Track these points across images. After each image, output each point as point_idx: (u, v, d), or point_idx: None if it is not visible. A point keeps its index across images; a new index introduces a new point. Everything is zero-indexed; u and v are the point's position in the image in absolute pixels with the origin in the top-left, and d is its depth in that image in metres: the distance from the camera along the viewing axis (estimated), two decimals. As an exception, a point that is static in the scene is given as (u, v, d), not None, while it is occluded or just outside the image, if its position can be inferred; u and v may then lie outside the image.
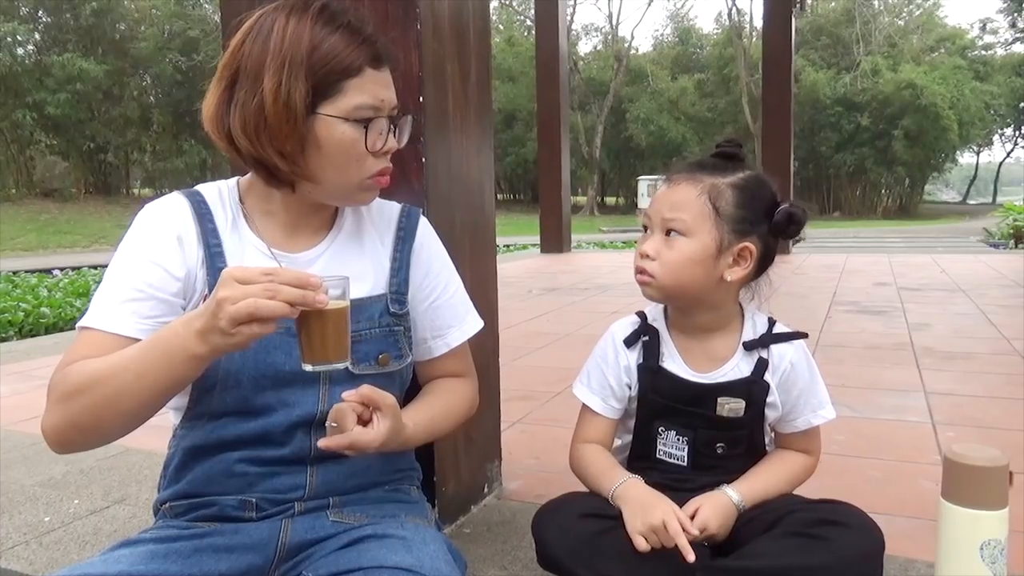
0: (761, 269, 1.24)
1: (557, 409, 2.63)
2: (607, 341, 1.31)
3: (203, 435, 1.09)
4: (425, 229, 1.25)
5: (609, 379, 1.28)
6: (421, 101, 1.46)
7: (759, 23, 24.93)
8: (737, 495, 1.19)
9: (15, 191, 23.73)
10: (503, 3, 39.16)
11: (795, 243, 1.30)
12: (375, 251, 1.19)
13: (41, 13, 26.20)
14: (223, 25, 1.54)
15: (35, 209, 21.96)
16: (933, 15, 38.49)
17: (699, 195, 1.18)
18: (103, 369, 0.94)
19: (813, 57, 34.91)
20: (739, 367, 1.24)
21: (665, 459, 1.26)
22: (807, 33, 34.21)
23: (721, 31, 40.33)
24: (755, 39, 33.13)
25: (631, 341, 1.28)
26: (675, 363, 1.26)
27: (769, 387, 1.23)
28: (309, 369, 0.93)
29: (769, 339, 1.25)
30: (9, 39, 23.48)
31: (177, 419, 1.13)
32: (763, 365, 1.24)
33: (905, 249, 12.99)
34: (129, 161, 27.96)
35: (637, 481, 1.20)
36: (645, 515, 1.11)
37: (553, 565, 1.16)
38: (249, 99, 1.03)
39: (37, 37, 25.99)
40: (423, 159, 1.47)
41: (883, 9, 37.65)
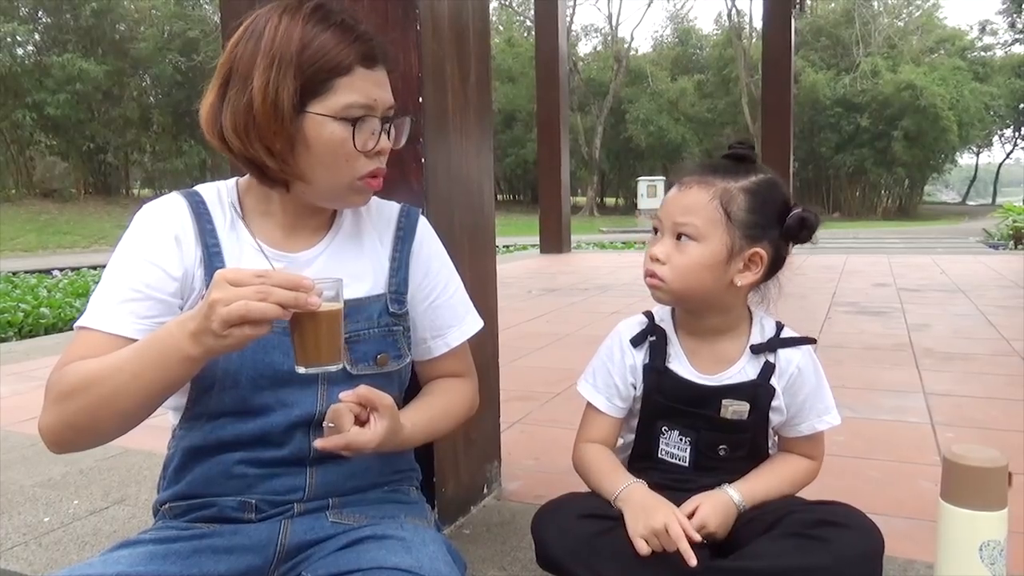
0: (771, 273, 1.23)
1: (557, 410, 2.63)
2: (614, 340, 1.31)
3: (202, 436, 1.09)
4: (424, 229, 1.25)
5: (615, 378, 1.28)
6: (420, 102, 1.46)
7: (759, 24, 25.03)
8: (738, 495, 1.19)
9: (15, 191, 23.72)
10: (503, 4, 39.18)
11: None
12: (374, 251, 1.19)
13: (41, 13, 26.18)
14: (223, 26, 1.54)
15: (35, 209, 21.95)
16: (932, 16, 38.51)
17: (711, 199, 1.17)
18: (99, 370, 0.94)
19: (813, 58, 34.91)
20: (745, 370, 1.24)
21: (667, 459, 1.26)
22: (807, 34, 34.21)
23: (721, 32, 40.36)
24: (755, 40, 33.15)
25: (638, 341, 1.28)
26: (681, 364, 1.26)
27: (774, 391, 1.23)
28: (302, 371, 0.93)
29: (777, 343, 1.25)
30: (9, 39, 23.47)
31: (176, 419, 1.13)
32: (769, 369, 1.23)
33: (905, 250, 12.99)
34: (129, 162, 27.94)
35: (640, 485, 1.20)
36: (647, 518, 1.11)
37: (552, 566, 1.16)
38: (239, 98, 1.03)
39: (37, 37, 25.98)
40: (422, 160, 1.47)
41: (883, 10, 37.66)
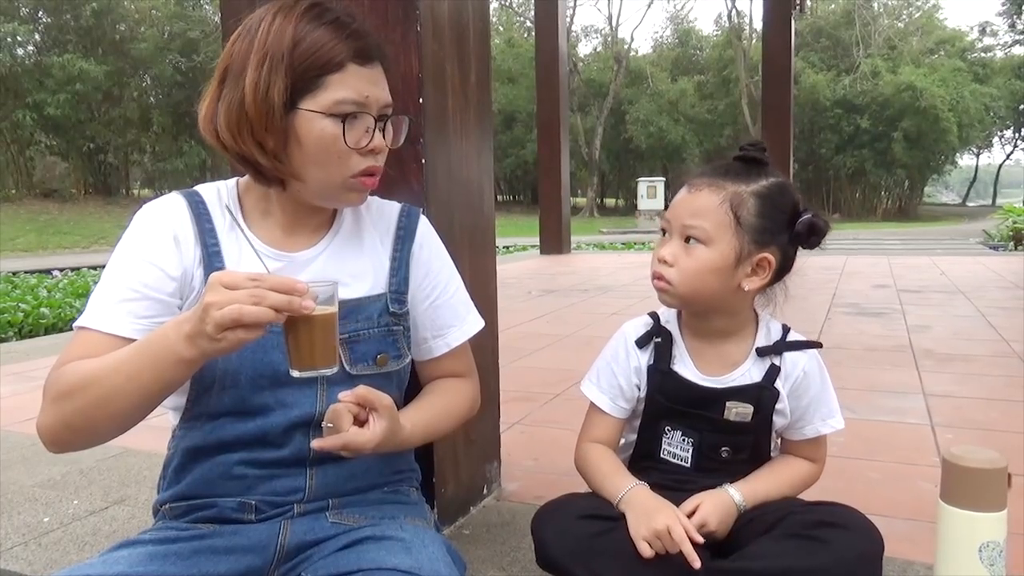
0: (778, 277, 1.23)
1: (556, 410, 2.63)
2: (619, 341, 1.31)
3: (202, 436, 1.09)
4: (425, 229, 1.25)
5: (619, 379, 1.28)
6: (421, 102, 1.46)
7: (759, 25, 25.02)
8: (739, 495, 1.19)
9: (15, 192, 23.70)
10: (503, 4, 39.19)
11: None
12: (374, 251, 1.19)
13: (41, 14, 26.17)
14: (223, 26, 1.54)
15: (35, 210, 21.94)
16: (932, 17, 38.51)
17: (721, 203, 1.16)
18: (96, 370, 0.94)
19: (813, 59, 34.92)
20: (750, 372, 1.24)
21: (669, 459, 1.26)
22: (807, 35, 34.22)
23: (721, 33, 40.36)
24: (755, 41, 33.18)
25: (643, 342, 1.28)
26: (686, 366, 1.25)
27: (779, 394, 1.23)
28: (296, 375, 0.93)
29: (783, 346, 1.25)
30: (9, 40, 23.45)
31: (176, 419, 1.13)
32: (775, 372, 1.23)
33: (904, 251, 12.99)
34: (129, 162, 27.92)
35: (643, 487, 1.20)
36: (649, 520, 1.11)
37: (552, 566, 1.16)
38: (233, 95, 1.03)
39: (37, 38, 25.95)
40: (423, 160, 1.47)
41: (883, 11, 37.67)
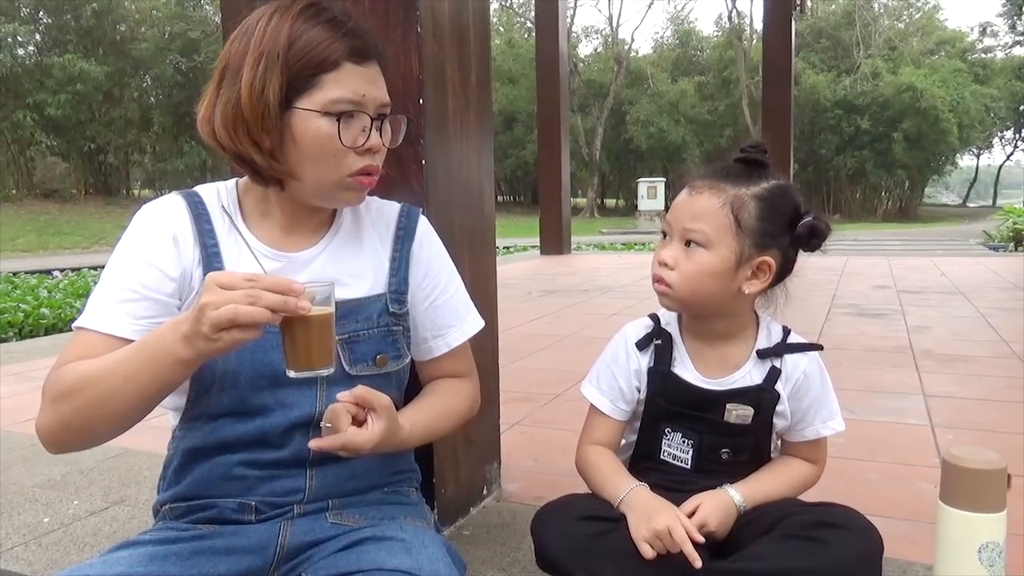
0: (779, 280, 1.22)
1: (556, 411, 2.63)
2: (619, 343, 1.31)
3: (202, 436, 1.09)
4: (425, 229, 1.25)
5: (619, 381, 1.28)
6: (421, 103, 1.46)
7: (759, 26, 25.00)
8: (739, 495, 1.19)
9: (15, 192, 23.70)
10: (503, 5, 39.19)
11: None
12: (374, 251, 1.19)
13: (42, 14, 26.17)
14: (223, 26, 1.54)
15: (35, 210, 21.94)
16: (933, 18, 38.50)
17: (721, 206, 1.16)
18: (94, 371, 0.94)
19: (813, 59, 34.91)
20: (751, 374, 1.24)
21: (669, 460, 1.26)
22: (807, 35, 34.22)
23: (721, 33, 40.35)
24: (755, 41, 33.17)
25: (643, 344, 1.28)
26: (686, 368, 1.25)
27: (779, 396, 1.23)
28: (292, 375, 0.93)
29: (783, 348, 1.25)
30: (10, 40, 23.45)
31: (176, 420, 1.13)
32: (775, 374, 1.23)
33: (905, 252, 12.99)
34: (129, 162, 27.92)
35: (643, 488, 1.20)
36: (649, 521, 1.11)
37: (552, 567, 1.16)
38: (230, 95, 1.04)
39: (38, 38, 25.95)
40: (423, 161, 1.47)
41: (883, 12, 37.66)
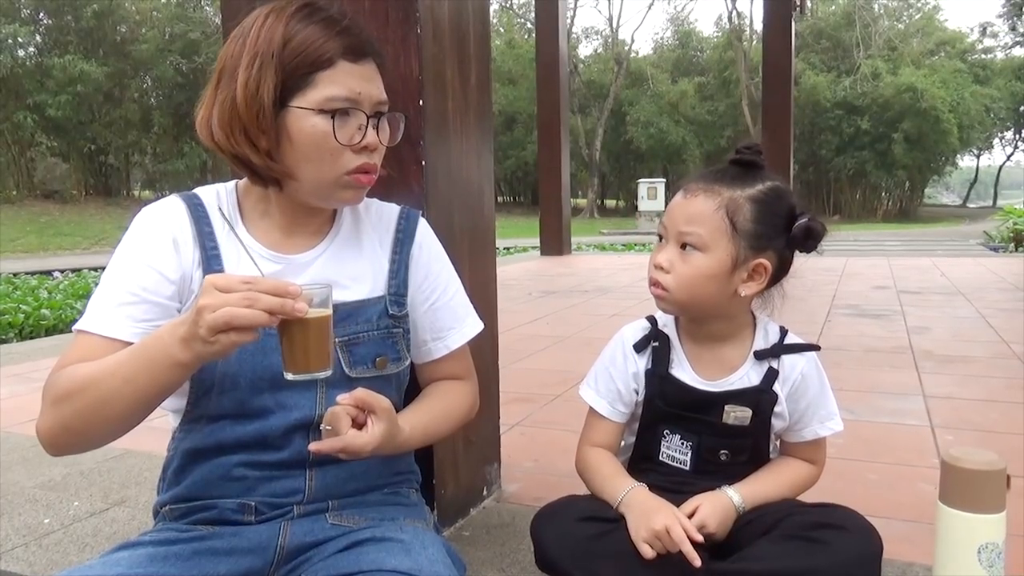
0: (775, 281, 1.23)
1: (556, 412, 2.63)
2: (617, 345, 1.31)
3: (201, 438, 1.09)
4: (424, 231, 1.25)
5: (617, 384, 1.28)
6: (421, 104, 1.46)
7: (759, 26, 24.99)
8: (738, 496, 1.19)
9: (15, 193, 23.68)
10: (503, 6, 39.21)
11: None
12: (374, 253, 1.19)
13: (42, 15, 26.20)
14: (223, 27, 1.54)
15: (35, 211, 21.94)
16: (933, 19, 38.51)
17: (716, 209, 1.16)
18: (93, 373, 0.94)
19: (813, 60, 34.93)
20: (748, 376, 1.24)
21: (668, 462, 1.26)
22: (807, 36, 34.22)
23: (721, 34, 40.37)
24: (755, 42, 33.18)
25: (641, 346, 1.28)
26: (684, 370, 1.26)
27: (777, 397, 1.23)
28: (291, 378, 0.93)
29: (780, 349, 1.25)
30: (10, 41, 23.48)
31: (176, 421, 1.13)
32: (773, 375, 1.23)
33: (905, 252, 12.99)
34: (130, 163, 27.93)
35: (641, 488, 1.20)
36: (648, 521, 1.11)
37: (552, 568, 1.16)
38: (226, 96, 1.04)
39: (38, 39, 25.97)
40: (423, 162, 1.47)
41: (883, 13, 37.67)
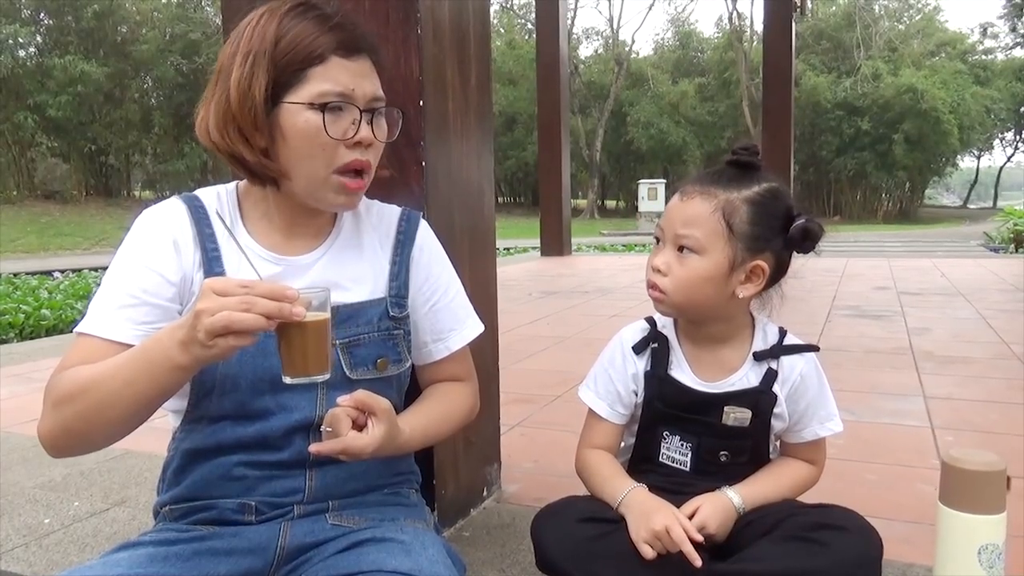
0: (773, 282, 1.23)
1: (557, 412, 2.63)
2: (615, 347, 1.31)
3: (202, 438, 1.09)
4: (425, 233, 1.26)
5: (616, 385, 1.28)
6: (421, 105, 1.46)
7: (760, 27, 25.01)
8: (738, 498, 1.19)
9: (16, 193, 23.68)
10: (504, 6, 39.21)
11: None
12: (374, 255, 1.19)
13: (43, 15, 26.21)
14: (224, 28, 1.54)
15: (36, 211, 21.94)
16: (933, 20, 38.50)
17: (713, 212, 1.16)
18: (94, 376, 0.95)
19: (814, 61, 34.92)
20: (747, 377, 1.24)
21: (668, 463, 1.26)
22: (808, 37, 34.22)
23: (722, 35, 40.35)
24: (756, 43, 33.17)
25: (640, 348, 1.28)
26: (683, 372, 1.26)
27: (777, 398, 1.23)
28: (289, 381, 0.94)
29: (779, 350, 1.25)
30: (11, 41, 23.48)
31: (177, 421, 1.13)
32: (772, 376, 1.23)
33: (905, 253, 12.99)
34: (130, 163, 27.93)
35: (641, 489, 1.20)
36: (648, 522, 1.11)
37: (552, 569, 1.16)
38: (221, 95, 1.05)
39: (39, 39, 25.98)
40: (423, 163, 1.47)
41: (883, 14, 37.66)
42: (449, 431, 1.25)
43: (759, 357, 1.24)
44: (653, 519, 1.11)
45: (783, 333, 1.27)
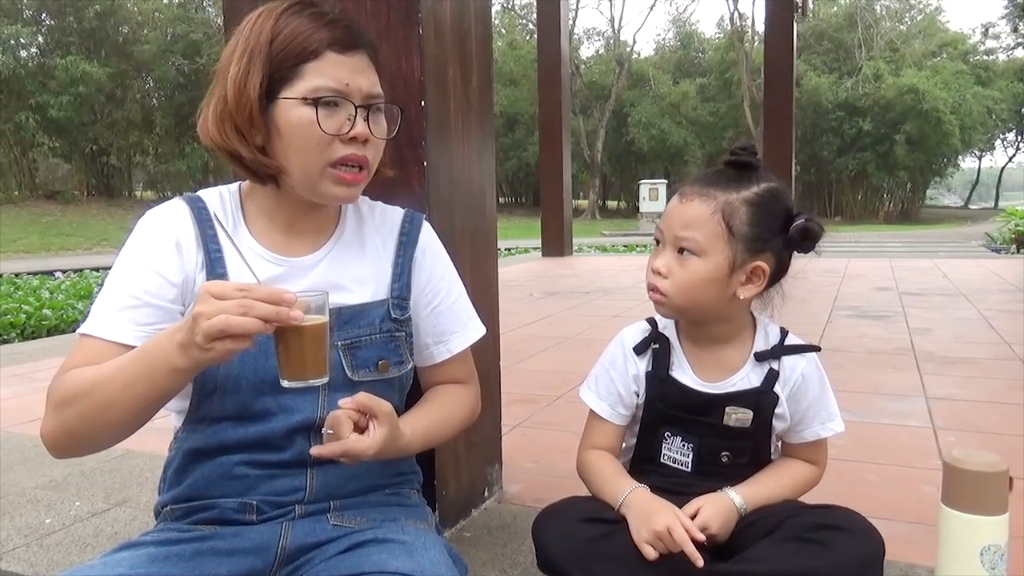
0: (773, 282, 1.22)
1: (558, 413, 2.63)
2: (616, 348, 1.31)
3: (203, 438, 1.09)
4: (428, 234, 1.25)
5: (617, 386, 1.28)
6: (423, 105, 1.46)
7: (761, 27, 24.97)
8: (739, 498, 1.19)
9: (17, 193, 23.70)
10: (505, 7, 39.21)
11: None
12: (377, 256, 1.19)
13: (44, 16, 26.24)
14: (226, 28, 1.55)
15: (37, 211, 21.97)
16: (935, 20, 38.47)
17: (712, 213, 1.16)
18: (95, 377, 0.95)
19: (815, 61, 34.91)
20: (749, 377, 1.24)
21: (669, 464, 1.26)
22: (809, 37, 34.21)
23: (723, 35, 40.34)
24: (757, 43, 33.16)
25: (641, 349, 1.28)
26: (684, 372, 1.25)
27: (778, 399, 1.23)
28: (286, 385, 0.93)
29: (781, 350, 1.25)
30: (12, 41, 23.51)
31: (179, 422, 1.13)
32: (773, 376, 1.23)
33: (907, 254, 12.98)
34: (131, 164, 27.95)
35: (642, 490, 1.20)
36: (649, 522, 1.11)
37: (553, 569, 1.16)
38: (220, 93, 1.05)
39: (40, 40, 25.99)
40: (424, 163, 1.47)
41: (885, 14, 37.64)
42: (451, 433, 1.25)
43: (760, 357, 1.24)
44: (655, 519, 1.11)
45: (784, 333, 1.27)
